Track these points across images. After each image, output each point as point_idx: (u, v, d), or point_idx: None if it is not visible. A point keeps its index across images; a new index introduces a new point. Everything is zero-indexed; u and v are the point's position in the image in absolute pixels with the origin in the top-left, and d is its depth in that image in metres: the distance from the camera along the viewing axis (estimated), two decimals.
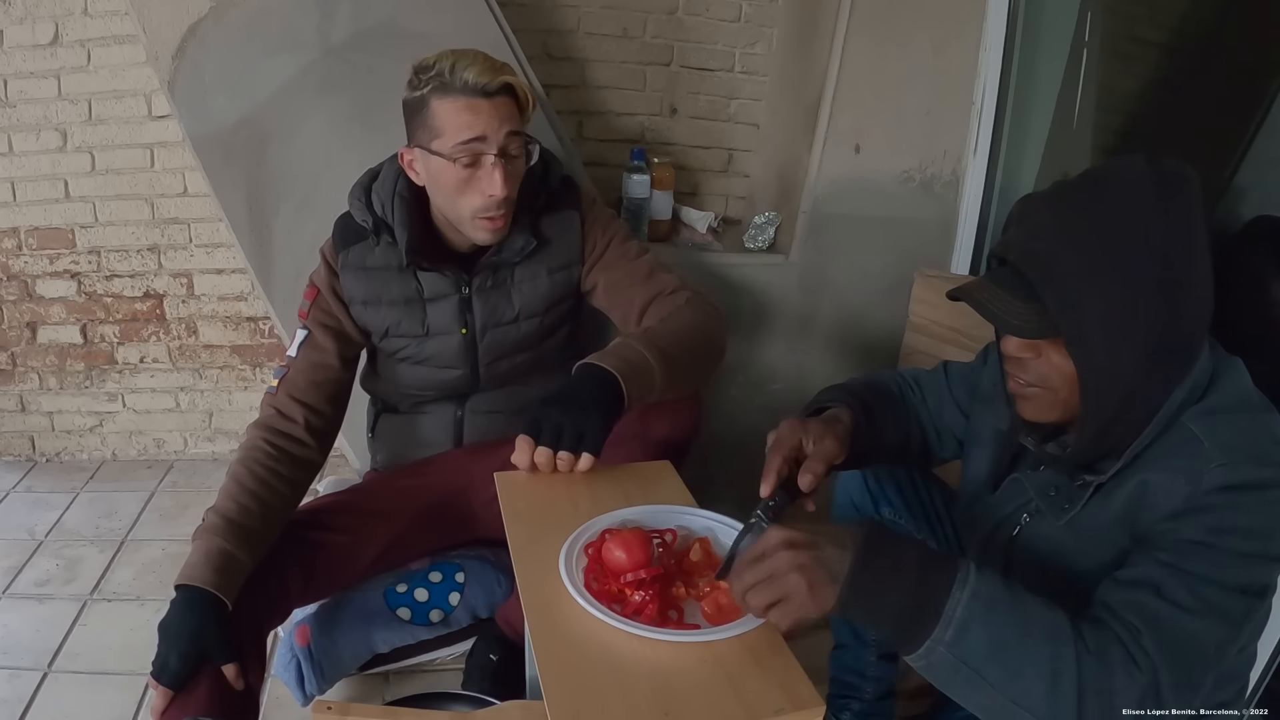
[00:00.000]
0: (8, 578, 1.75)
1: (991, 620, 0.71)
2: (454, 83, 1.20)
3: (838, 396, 1.08)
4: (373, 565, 1.36)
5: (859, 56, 1.86)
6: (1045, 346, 0.83)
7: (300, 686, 1.30)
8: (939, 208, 2.00)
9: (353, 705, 1.01)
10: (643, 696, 0.74)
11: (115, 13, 1.88)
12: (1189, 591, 0.72)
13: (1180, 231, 0.78)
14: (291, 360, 1.32)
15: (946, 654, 0.71)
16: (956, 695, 0.74)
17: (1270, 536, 0.74)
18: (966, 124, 1.95)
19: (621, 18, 2.01)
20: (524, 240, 1.33)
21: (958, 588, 0.72)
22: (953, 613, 0.71)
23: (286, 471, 1.23)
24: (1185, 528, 0.75)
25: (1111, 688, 0.69)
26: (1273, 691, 1.09)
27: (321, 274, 1.36)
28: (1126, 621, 0.72)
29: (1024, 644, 0.70)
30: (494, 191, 1.22)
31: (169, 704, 1.03)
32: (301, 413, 1.27)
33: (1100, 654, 0.70)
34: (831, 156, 1.91)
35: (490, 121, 1.20)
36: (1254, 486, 0.74)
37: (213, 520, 1.14)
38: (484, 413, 1.47)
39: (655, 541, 0.93)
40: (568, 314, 1.45)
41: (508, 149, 1.23)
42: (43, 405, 2.22)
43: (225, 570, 1.10)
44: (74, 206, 2.04)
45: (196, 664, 1.04)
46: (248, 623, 1.12)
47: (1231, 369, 0.84)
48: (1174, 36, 2.32)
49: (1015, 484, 0.95)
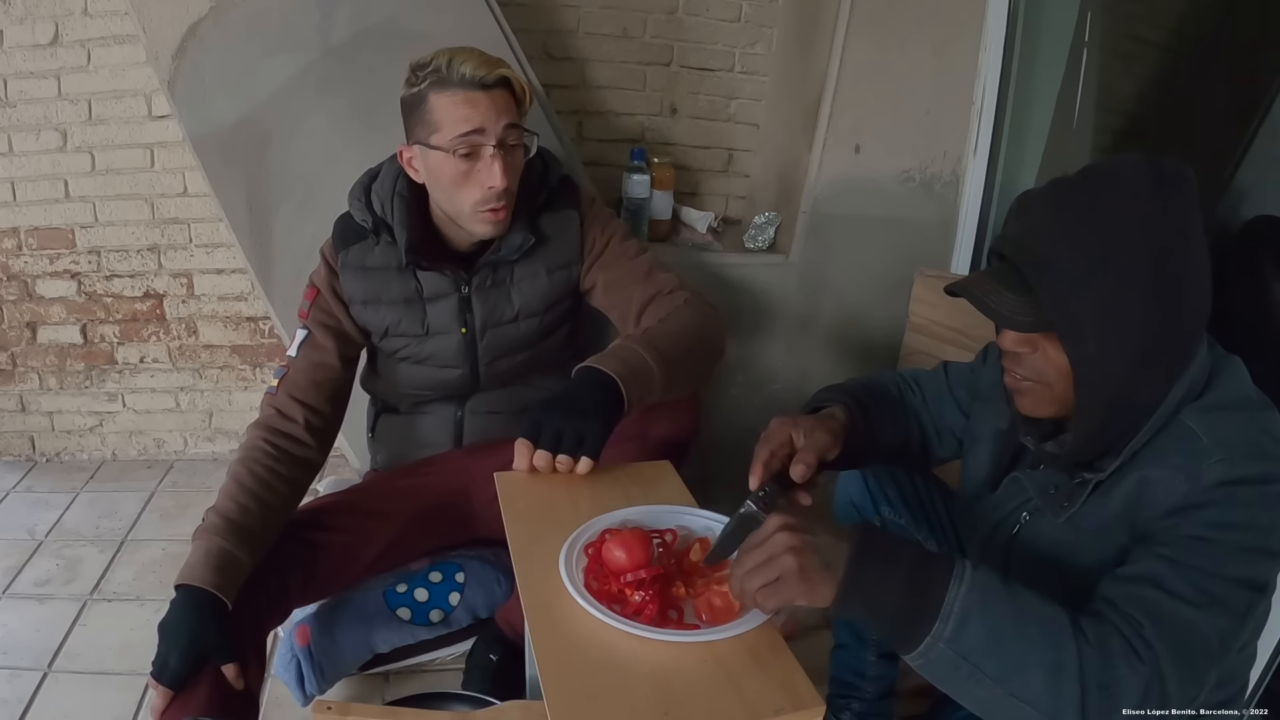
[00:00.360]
0: (8, 578, 1.75)
1: (989, 615, 0.71)
2: (451, 77, 1.21)
3: (834, 396, 1.08)
4: (372, 565, 1.35)
5: (859, 56, 1.86)
6: (1041, 341, 0.83)
7: (300, 686, 1.30)
8: (939, 208, 2.00)
9: (353, 705, 1.01)
10: (643, 696, 0.74)
11: (115, 13, 1.88)
12: (1190, 584, 0.72)
13: (1177, 229, 0.78)
14: (291, 360, 1.32)
15: (945, 650, 0.71)
16: (956, 693, 0.74)
17: (1269, 531, 0.74)
18: (966, 124, 1.95)
19: (621, 18, 2.01)
20: (522, 237, 1.33)
21: (955, 583, 0.72)
22: (950, 607, 0.71)
23: (286, 471, 1.23)
24: (1185, 523, 0.75)
25: (1114, 680, 0.69)
26: (1273, 691, 1.09)
27: (321, 274, 1.37)
28: (1128, 615, 0.71)
29: (1023, 638, 0.70)
30: (493, 183, 1.22)
31: (169, 704, 1.03)
32: (301, 412, 1.27)
33: (1101, 647, 0.70)
34: (831, 156, 1.91)
35: (488, 114, 1.21)
36: (1252, 481, 0.74)
37: (213, 520, 1.14)
38: (484, 413, 1.47)
39: (655, 541, 0.93)
40: (567, 313, 1.45)
41: (506, 141, 1.24)
42: (43, 405, 2.22)
43: (225, 570, 1.09)
44: (74, 206, 2.04)
45: (196, 664, 1.04)
46: (247, 623, 1.12)
47: (1231, 368, 0.84)
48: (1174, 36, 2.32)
49: (1014, 483, 0.95)
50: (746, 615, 0.83)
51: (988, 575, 0.73)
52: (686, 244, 2.00)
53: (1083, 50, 2.01)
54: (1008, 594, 0.72)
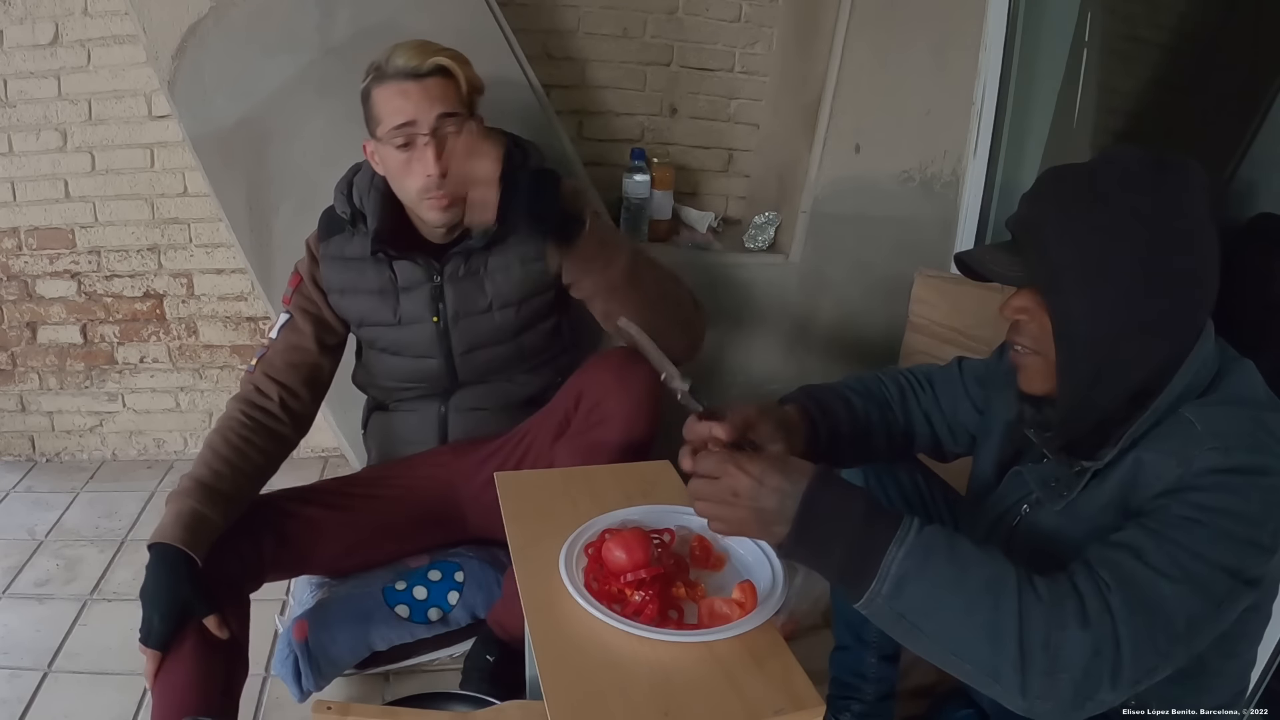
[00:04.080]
0: (8, 578, 1.75)
1: (928, 575, 0.73)
2: (387, 70, 1.24)
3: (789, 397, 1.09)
4: (351, 551, 1.38)
5: (859, 56, 1.86)
6: (1036, 310, 0.85)
7: (297, 682, 1.30)
8: (939, 208, 2.00)
9: (352, 705, 1.01)
10: (643, 696, 0.74)
11: (115, 13, 1.88)
12: (1169, 558, 0.72)
13: (1172, 216, 0.79)
14: (271, 341, 1.37)
15: (885, 607, 0.74)
16: (904, 642, 0.76)
17: (1260, 524, 0.73)
18: (966, 124, 1.95)
19: (621, 18, 2.01)
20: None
21: (894, 545, 0.74)
22: (888, 569, 0.73)
23: (260, 441, 1.27)
24: (1175, 504, 0.75)
25: (1060, 641, 0.69)
26: (1273, 692, 1.09)
27: (305, 263, 1.41)
28: (1098, 576, 0.72)
29: (962, 599, 0.72)
30: (428, 171, 1.24)
31: (159, 665, 1.07)
32: (277, 391, 1.32)
33: (1054, 607, 0.70)
34: (831, 156, 1.91)
35: (420, 103, 1.23)
36: (1246, 471, 0.74)
37: (185, 484, 1.19)
38: (468, 410, 1.47)
39: (655, 541, 0.93)
40: (549, 307, 1.43)
41: (441, 129, 1.25)
42: (43, 405, 2.22)
43: (195, 529, 1.13)
44: (74, 206, 2.04)
45: (179, 622, 1.08)
46: (222, 580, 1.16)
47: (1241, 369, 0.84)
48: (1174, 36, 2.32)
49: (1017, 476, 0.96)
50: (746, 616, 0.83)
51: (932, 536, 0.75)
52: (686, 244, 2.00)
53: (1083, 50, 2.02)
54: (950, 554, 0.74)
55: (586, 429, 1.26)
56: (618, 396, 1.24)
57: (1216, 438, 0.76)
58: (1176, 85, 2.27)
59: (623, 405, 1.24)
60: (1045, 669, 0.69)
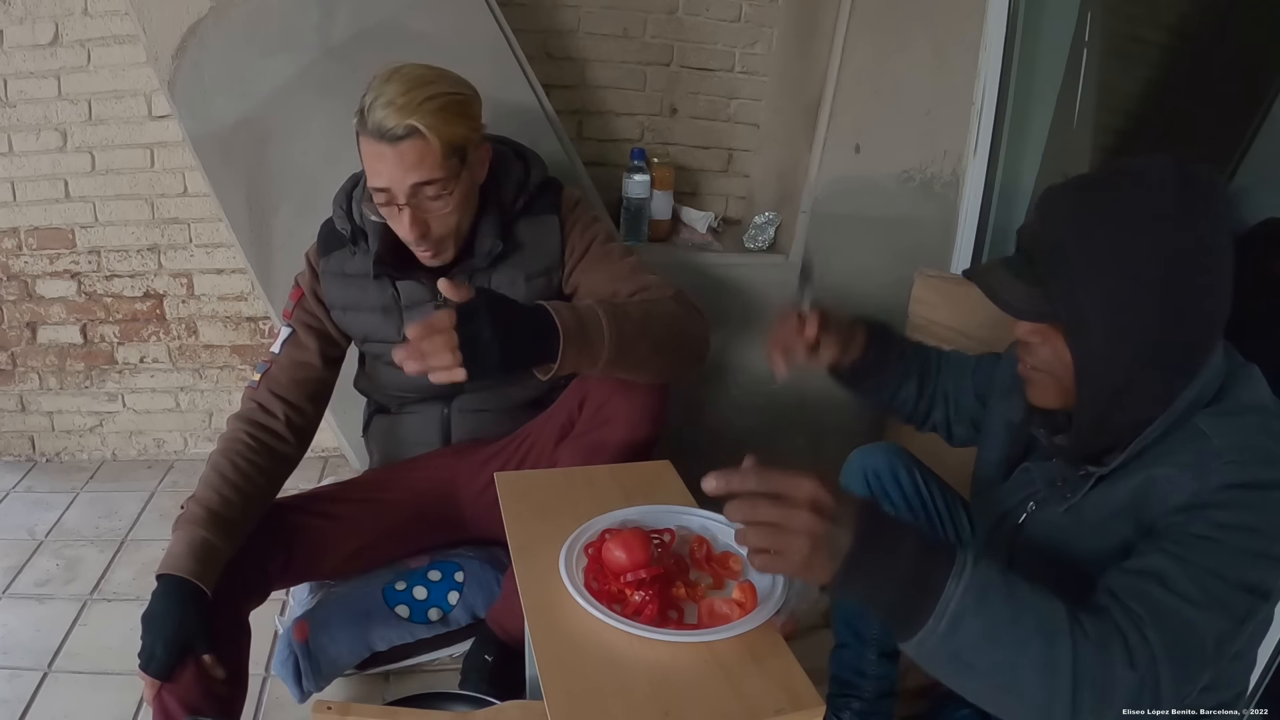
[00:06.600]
0: (8, 578, 1.75)
1: (985, 613, 0.70)
2: (367, 122, 1.16)
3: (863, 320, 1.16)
4: (354, 557, 1.37)
5: (859, 56, 1.86)
6: (1050, 333, 0.84)
7: (297, 682, 1.30)
8: (939, 207, 2.00)
9: (352, 705, 1.02)
10: (643, 696, 0.74)
11: (115, 13, 1.88)
12: (1193, 583, 0.72)
13: (1194, 235, 0.78)
14: (275, 357, 1.34)
15: (939, 646, 0.71)
16: (950, 683, 0.74)
17: (1274, 538, 0.74)
18: (966, 124, 1.95)
19: (621, 18, 2.01)
20: (491, 243, 1.32)
21: (953, 581, 0.71)
22: (946, 606, 0.70)
23: (266, 464, 1.26)
24: (1192, 521, 0.75)
25: (1109, 679, 0.69)
26: (1273, 692, 1.09)
27: (305, 277, 1.39)
28: (1130, 609, 0.71)
29: (1018, 635, 0.70)
30: (406, 236, 1.23)
31: (159, 692, 1.06)
32: (282, 409, 1.30)
33: (1100, 644, 0.70)
34: (831, 156, 1.91)
35: (394, 173, 1.17)
36: (1261, 486, 0.74)
37: (194, 510, 1.17)
38: (471, 411, 1.47)
39: (655, 541, 0.93)
40: None
41: (417, 197, 1.19)
42: (43, 405, 2.21)
43: (206, 560, 1.12)
44: (74, 206, 2.04)
45: (182, 653, 1.07)
46: (226, 605, 1.15)
47: (1248, 376, 0.84)
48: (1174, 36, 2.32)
49: (1025, 473, 0.97)
50: (746, 616, 0.83)
51: (987, 572, 0.72)
52: (686, 244, 2.00)
53: (1083, 50, 2.02)
54: (1006, 591, 0.72)
55: (590, 429, 1.26)
56: (622, 397, 1.24)
57: (1231, 451, 0.76)
58: (1176, 85, 2.27)
59: (627, 406, 1.23)
60: (1094, 706, 0.69)
